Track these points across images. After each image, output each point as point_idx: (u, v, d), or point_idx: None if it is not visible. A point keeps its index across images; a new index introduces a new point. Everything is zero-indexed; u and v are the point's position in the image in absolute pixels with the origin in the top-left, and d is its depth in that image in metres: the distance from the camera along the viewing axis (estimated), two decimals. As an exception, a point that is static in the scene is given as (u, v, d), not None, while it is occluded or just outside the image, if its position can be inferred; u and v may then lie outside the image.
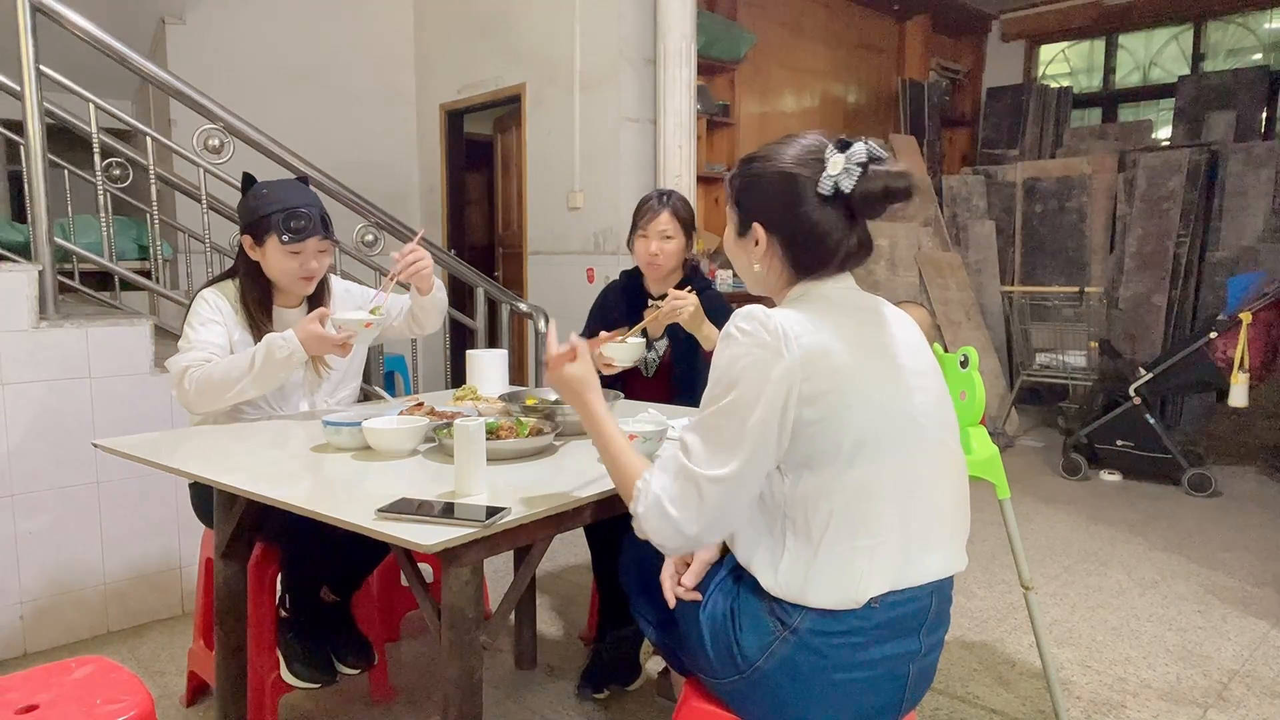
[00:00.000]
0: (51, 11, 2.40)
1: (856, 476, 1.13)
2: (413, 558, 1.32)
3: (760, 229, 1.22)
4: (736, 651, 1.20)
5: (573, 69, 4.62)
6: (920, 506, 1.18)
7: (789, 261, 1.22)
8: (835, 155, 1.15)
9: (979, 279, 5.82)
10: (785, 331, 1.10)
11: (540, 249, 5.04)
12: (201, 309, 1.93)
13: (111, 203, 2.97)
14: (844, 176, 1.14)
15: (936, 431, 1.21)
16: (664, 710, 2.10)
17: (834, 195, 1.15)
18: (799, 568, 1.15)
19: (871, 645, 1.16)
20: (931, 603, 1.21)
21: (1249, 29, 6.74)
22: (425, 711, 2.10)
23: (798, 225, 1.19)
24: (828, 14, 6.19)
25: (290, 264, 1.93)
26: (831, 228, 1.18)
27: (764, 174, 1.22)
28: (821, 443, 1.12)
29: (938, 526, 1.21)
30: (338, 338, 1.86)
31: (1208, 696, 2.19)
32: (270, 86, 5.12)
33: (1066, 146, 6.62)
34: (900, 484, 1.15)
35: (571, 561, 3.09)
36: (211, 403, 1.85)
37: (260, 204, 1.92)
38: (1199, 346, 3.90)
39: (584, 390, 1.28)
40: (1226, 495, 3.98)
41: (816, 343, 1.11)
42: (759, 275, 1.26)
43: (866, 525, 1.13)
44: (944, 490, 1.22)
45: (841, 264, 1.21)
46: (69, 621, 2.45)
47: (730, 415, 1.11)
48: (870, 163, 1.14)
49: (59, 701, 1.19)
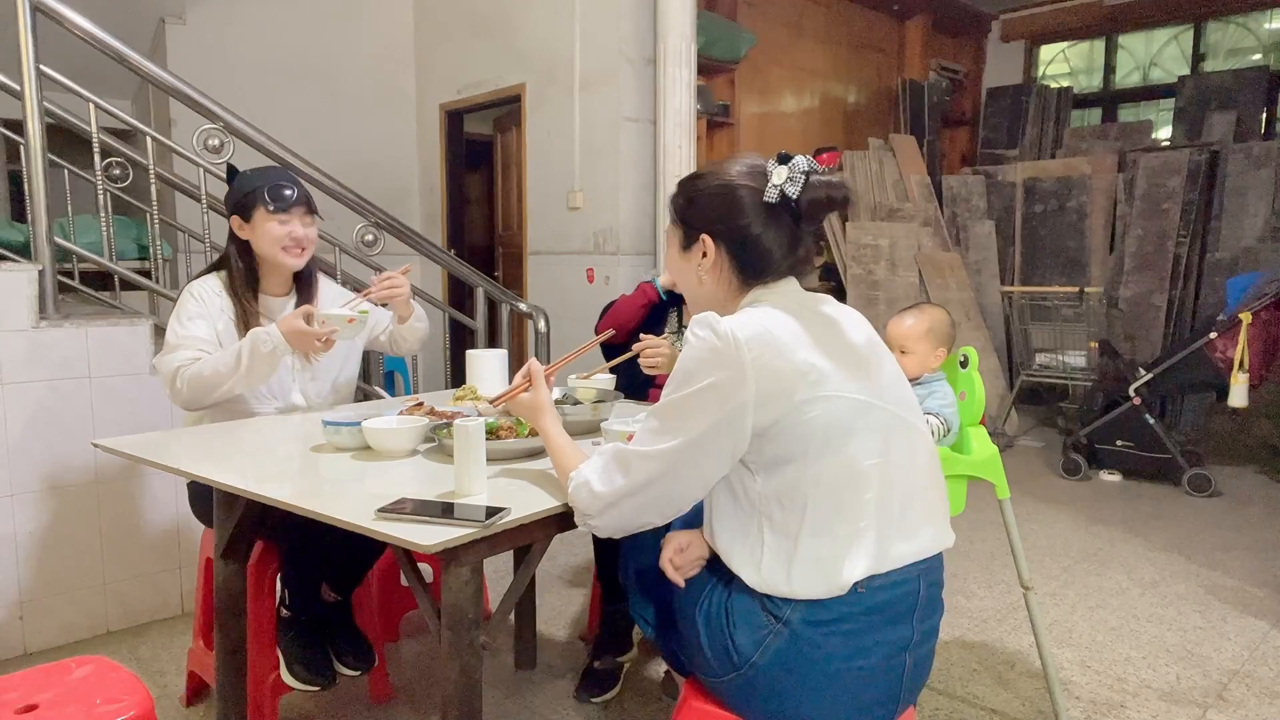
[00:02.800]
0: (51, 11, 2.39)
1: (827, 467, 1.15)
2: (412, 558, 1.32)
3: (708, 240, 1.26)
4: (732, 649, 1.21)
5: (573, 69, 4.62)
6: (895, 489, 1.20)
7: (737, 269, 1.26)
8: (778, 168, 1.22)
9: (979, 279, 5.82)
10: (735, 337, 1.14)
11: (540, 249, 5.04)
12: (187, 303, 1.97)
13: (111, 203, 2.97)
14: (789, 184, 1.20)
15: (899, 412, 1.23)
16: (663, 710, 2.10)
17: (780, 202, 1.21)
18: (780, 562, 1.17)
19: (864, 632, 1.18)
20: (920, 586, 1.23)
21: (1249, 29, 6.74)
22: (425, 711, 2.10)
23: (746, 232, 1.24)
24: (828, 14, 6.19)
25: (279, 230, 1.98)
26: (778, 234, 1.24)
27: (709, 188, 1.28)
28: (787, 440, 1.15)
29: (915, 506, 1.23)
30: (320, 332, 1.90)
31: (1207, 697, 2.19)
32: (270, 86, 5.12)
33: (1066, 147, 6.62)
34: (872, 470, 1.18)
35: (571, 561, 3.09)
36: (202, 400, 1.89)
37: (245, 183, 2.02)
38: (1199, 347, 3.90)
39: (538, 415, 1.44)
40: (1226, 495, 3.98)
41: (767, 345, 1.14)
42: (706, 289, 1.30)
43: (842, 514, 1.16)
44: (916, 470, 1.24)
45: (789, 270, 1.27)
46: (69, 621, 2.45)
47: (674, 410, 1.17)
48: (811, 173, 1.20)
49: (59, 701, 1.19)
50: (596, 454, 1.28)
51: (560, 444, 1.39)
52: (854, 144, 6.27)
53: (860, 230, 5.51)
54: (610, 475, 1.22)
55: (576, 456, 1.34)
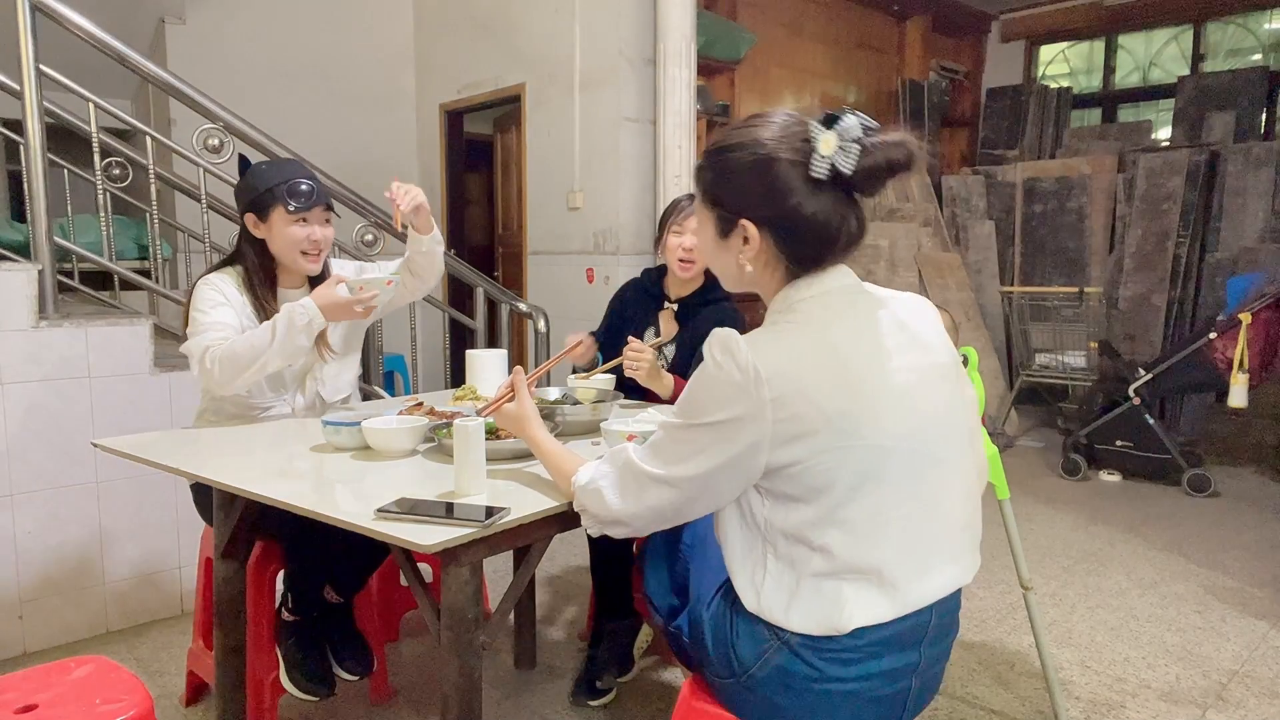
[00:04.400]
0: (51, 11, 2.40)
1: (855, 513, 1.06)
2: (412, 558, 1.31)
3: (750, 226, 1.11)
4: (734, 656, 1.19)
5: (573, 69, 4.62)
6: (920, 537, 1.10)
7: (785, 257, 1.11)
8: (824, 133, 1.04)
9: (979, 279, 5.82)
10: (757, 372, 1.02)
11: (540, 249, 5.04)
12: (208, 293, 1.90)
13: (111, 202, 2.97)
14: (840, 156, 1.03)
15: (940, 450, 1.12)
16: (664, 710, 2.10)
17: (831, 178, 1.05)
18: (780, 594, 1.11)
19: (866, 660, 1.11)
20: (931, 617, 1.15)
21: (1249, 29, 6.74)
22: (425, 711, 2.10)
23: (795, 217, 1.07)
24: (828, 14, 6.19)
25: (298, 233, 1.92)
26: (831, 214, 1.07)
27: (743, 163, 1.09)
28: (811, 480, 1.05)
29: (940, 550, 1.14)
30: (361, 298, 1.85)
31: (1207, 697, 2.19)
32: (270, 86, 5.12)
33: (1066, 147, 6.62)
34: (902, 515, 1.08)
35: (571, 562, 3.09)
36: (234, 378, 1.82)
37: (261, 180, 1.92)
38: (1198, 347, 3.90)
39: (524, 425, 1.44)
40: (1226, 495, 3.98)
41: (791, 382, 1.03)
42: (752, 278, 1.16)
43: (854, 564, 1.07)
44: (947, 512, 1.14)
45: (843, 251, 1.11)
46: (69, 621, 2.45)
47: (689, 439, 1.10)
48: (864, 139, 1.03)
49: (58, 701, 1.19)
50: (606, 460, 1.23)
51: (551, 450, 1.38)
52: (854, 144, 6.27)
53: (860, 230, 5.50)
54: (626, 489, 1.17)
55: (572, 460, 1.32)
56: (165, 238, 3.90)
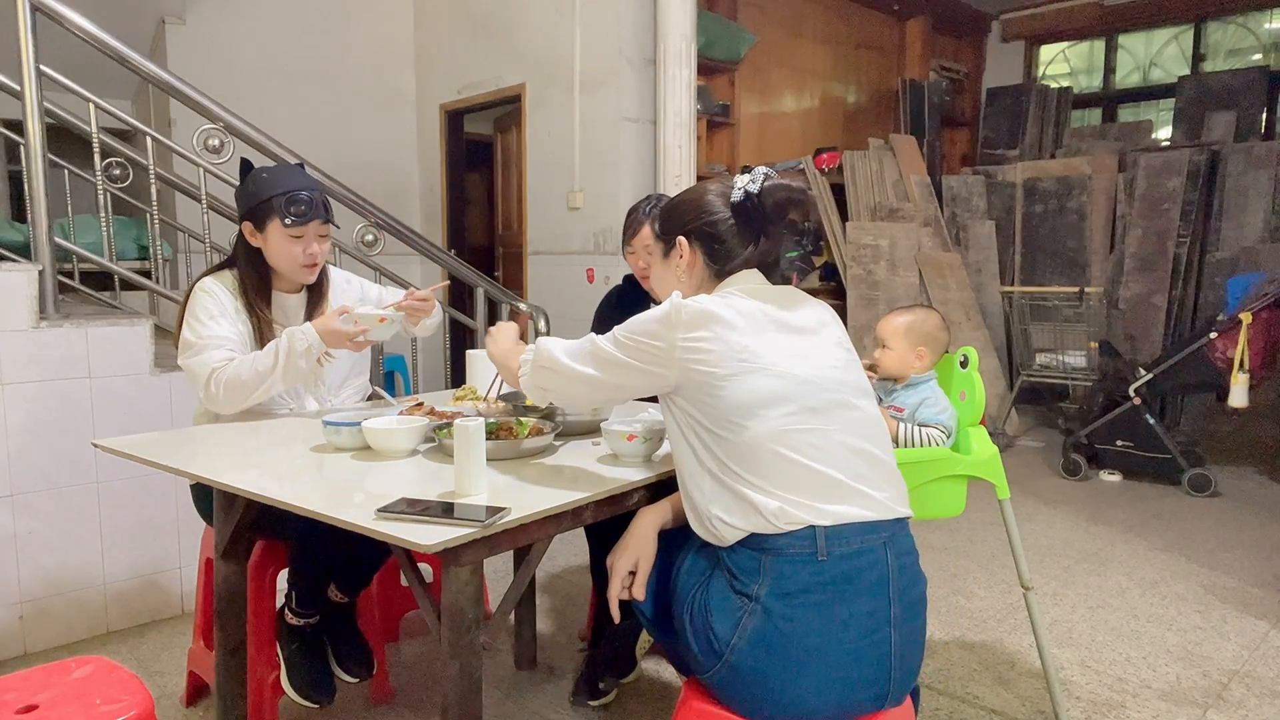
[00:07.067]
0: (51, 11, 2.39)
1: (769, 430, 1.25)
2: (413, 558, 1.32)
3: (683, 241, 1.44)
4: (713, 638, 1.25)
5: (573, 69, 4.62)
6: (832, 458, 1.27)
7: (709, 260, 1.42)
8: (741, 177, 1.41)
9: (979, 279, 5.82)
10: (685, 302, 1.32)
11: (540, 249, 5.04)
12: (204, 301, 1.90)
13: (111, 203, 2.97)
14: (750, 184, 1.39)
15: (845, 394, 1.33)
16: (664, 710, 2.10)
17: (744, 199, 1.39)
18: (727, 514, 1.27)
19: (834, 603, 1.21)
20: (886, 555, 1.26)
21: (1249, 29, 6.74)
22: (425, 711, 2.10)
23: (715, 228, 1.41)
24: (828, 14, 6.19)
25: (293, 249, 1.92)
26: (745, 229, 1.40)
27: (683, 200, 1.48)
28: (729, 397, 1.26)
29: (860, 479, 1.28)
30: (353, 331, 1.86)
31: (1207, 697, 2.19)
32: (270, 86, 5.12)
33: (1066, 147, 6.62)
34: (797, 434, 1.26)
35: (571, 562, 3.09)
36: (240, 402, 1.84)
37: (260, 188, 1.91)
38: (1199, 347, 3.90)
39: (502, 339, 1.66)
40: (1226, 495, 3.98)
41: (714, 311, 1.29)
42: (685, 286, 1.45)
43: (777, 471, 1.25)
44: (857, 445, 1.30)
45: (756, 262, 1.41)
46: (69, 621, 2.45)
47: (620, 345, 1.36)
48: (769, 177, 1.40)
49: (58, 701, 1.19)
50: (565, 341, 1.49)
51: (509, 347, 1.61)
52: (854, 144, 6.27)
53: (860, 230, 5.51)
54: (575, 353, 1.41)
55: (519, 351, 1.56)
56: (166, 238, 3.89)
